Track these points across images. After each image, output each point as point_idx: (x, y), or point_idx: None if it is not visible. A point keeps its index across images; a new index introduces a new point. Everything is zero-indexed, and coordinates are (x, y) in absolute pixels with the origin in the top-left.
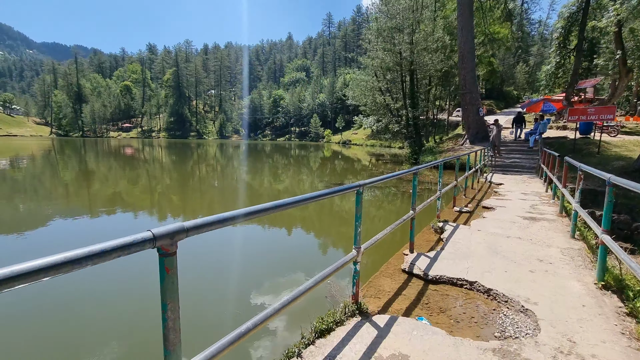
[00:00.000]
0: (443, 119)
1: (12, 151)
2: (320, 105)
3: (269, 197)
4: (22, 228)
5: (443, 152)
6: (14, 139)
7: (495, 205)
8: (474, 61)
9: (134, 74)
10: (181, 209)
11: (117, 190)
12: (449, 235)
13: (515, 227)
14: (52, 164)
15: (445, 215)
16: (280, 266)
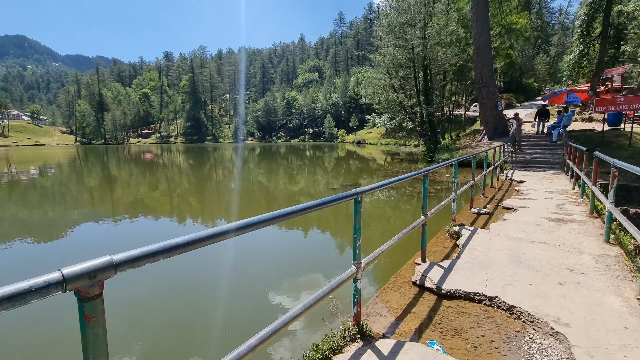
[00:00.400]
0: (460, 115)
1: (41, 160)
2: (334, 105)
3: (285, 199)
4: (50, 233)
5: (460, 149)
6: (42, 148)
7: (517, 206)
8: (490, 53)
9: (152, 81)
10: (199, 212)
11: (138, 195)
12: (465, 241)
13: (540, 230)
14: (77, 171)
15: (462, 217)
16: (275, 278)
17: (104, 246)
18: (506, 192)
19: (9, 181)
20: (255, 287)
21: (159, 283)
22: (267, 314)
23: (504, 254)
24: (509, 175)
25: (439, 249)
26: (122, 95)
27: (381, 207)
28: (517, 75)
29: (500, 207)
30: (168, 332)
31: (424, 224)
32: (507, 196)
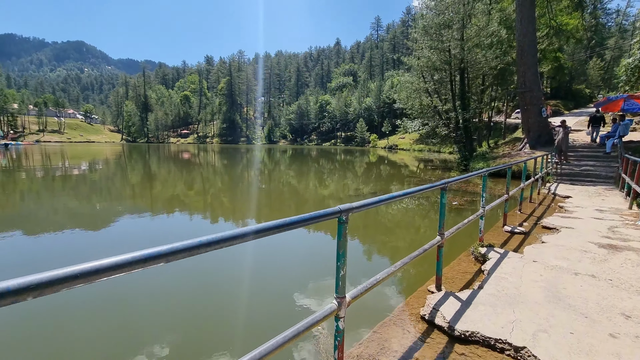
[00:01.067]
0: (500, 122)
1: (91, 155)
2: (367, 109)
3: (314, 202)
4: (98, 224)
5: (497, 158)
6: (92, 144)
7: (559, 226)
8: (535, 56)
9: (192, 84)
10: (230, 210)
11: (174, 192)
12: (492, 267)
13: (587, 258)
14: (122, 167)
15: (492, 236)
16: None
17: (143, 236)
18: (547, 209)
19: (63, 174)
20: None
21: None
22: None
23: (539, 287)
24: (552, 189)
25: (460, 274)
26: (164, 97)
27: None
28: (566, 80)
29: (538, 226)
30: (195, 323)
31: (439, 246)
32: (548, 213)
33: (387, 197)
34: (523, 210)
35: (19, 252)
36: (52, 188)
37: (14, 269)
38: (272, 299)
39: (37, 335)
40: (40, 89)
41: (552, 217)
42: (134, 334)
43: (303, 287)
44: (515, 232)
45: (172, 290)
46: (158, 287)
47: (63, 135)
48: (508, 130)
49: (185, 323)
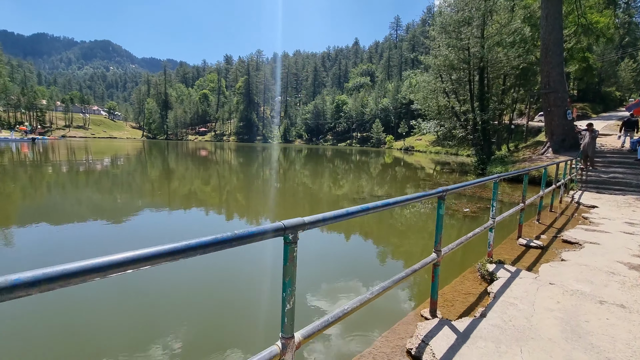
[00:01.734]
0: (522, 125)
1: (113, 151)
2: (384, 110)
3: (328, 203)
4: (120, 216)
5: (517, 163)
6: (114, 140)
7: (582, 240)
8: (561, 55)
9: (211, 82)
10: (245, 208)
11: (192, 188)
12: (500, 289)
13: (614, 282)
14: (142, 163)
15: (504, 250)
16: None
17: (159, 231)
18: (570, 219)
19: (86, 169)
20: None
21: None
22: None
23: (555, 318)
24: (576, 198)
25: (461, 295)
26: (184, 95)
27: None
28: (595, 82)
29: (558, 240)
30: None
31: (435, 264)
32: (570, 225)
33: (353, 210)
34: (542, 220)
35: (44, 242)
36: (75, 181)
37: (39, 257)
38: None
39: (59, 326)
40: (68, 86)
41: (575, 229)
42: (150, 325)
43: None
44: (532, 245)
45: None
46: (170, 281)
47: (87, 130)
48: (530, 133)
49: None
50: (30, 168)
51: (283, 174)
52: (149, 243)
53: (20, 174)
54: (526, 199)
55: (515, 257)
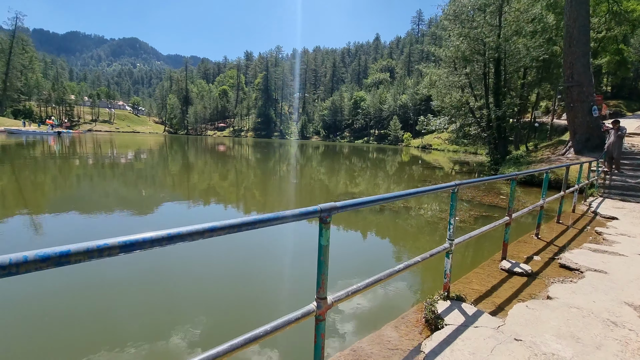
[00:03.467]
0: (546, 123)
1: (136, 145)
2: (402, 106)
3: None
4: (140, 208)
5: (532, 163)
6: (137, 135)
7: (585, 266)
8: (587, 44)
9: (231, 78)
10: (261, 203)
11: (211, 183)
12: (438, 346)
13: (613, 341)
14: (163, 157)
15: (477, 277)
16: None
17: (179, 220)
18: (580, 234)
19: (111, 162)
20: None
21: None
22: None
23: None
24: (594, 206)
25: (384, 350)
26: (205, 90)
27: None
28: (630, 77)
29: (554, 264)
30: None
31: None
32: (576, 242)
33: (381, 198)
34: (543, 235)
35: (72, 228)
36: (93, 173)
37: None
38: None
39: (84, 306)
40: (97, 82)
41: (581, 249)
42: (172, 308)
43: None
44: (516, 272)
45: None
46: (210, 257)
47: (112, 125)
48: (556, 132)
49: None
50: (59, 160)
51: (300, 171)
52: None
53: (48, 165)
54: (522, 207)
55: (487, 290)
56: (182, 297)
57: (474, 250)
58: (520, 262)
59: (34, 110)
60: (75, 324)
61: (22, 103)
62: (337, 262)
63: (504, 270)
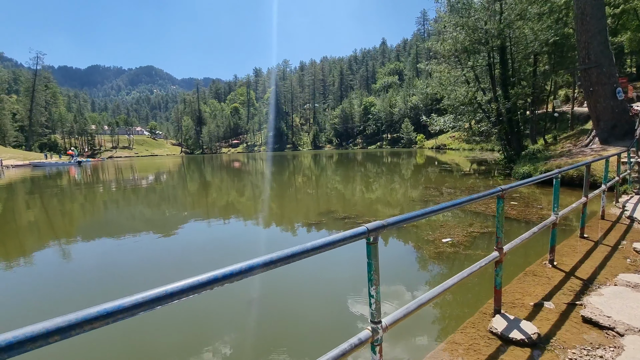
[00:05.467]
0: (566, 112)
1: (155, 168)
2: (413, 108)
3: (363, 207)
4: (164, 229)
5: (551, 158)
6: (155, 157)
7: (624, 322)
8: (602, 19)
9: (241, 96)
10: (280, 216)
11: (229, 199)
12: None
13: None
14: (182, 177)
15: (453, 354)
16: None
17: (206, 240)
18: (611, 256)
19: (134, 185)
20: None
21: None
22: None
23: None
24: (629, 208)
25: None
26: (217, 110)
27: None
28: None
29: (575, 316)
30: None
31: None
32: (608, 270)
33: (428, 211)
34: (560, 259)
35: (105, 255)
36: (112, 198)
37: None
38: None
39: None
40: (117, 111)
41: (615, 286)
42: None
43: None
44: (513, 339)
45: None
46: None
47: (132, 150)
48: (578, 121)
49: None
50: (78, 188)
51: (315, 181)
52: (197, 251)
53: (71, 193)
54: (533, 216)
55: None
56: (218, 325)
57: (460, 294)
58: (522, 315)
59: (58, 142)
60: (106, 340)
61: (47, 136)
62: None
63: (496, 334)
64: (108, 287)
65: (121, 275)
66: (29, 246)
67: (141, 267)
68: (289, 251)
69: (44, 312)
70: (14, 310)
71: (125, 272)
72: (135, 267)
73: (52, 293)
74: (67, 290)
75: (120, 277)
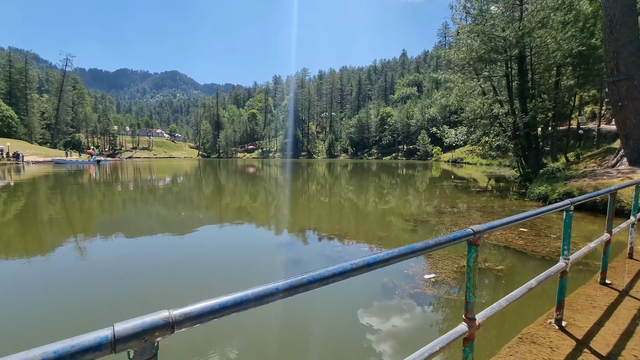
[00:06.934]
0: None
1: (173, 170)
2: (431, 120)
3: (375, 218)
4: (180, 229)
5: (571, 179)
6: (173, 160)
7: None
8: (635, 27)
9: (260, 102)
10: (292, 223)
11: (242, 203)
12: None
13: None
14: (198, 180)
15: None
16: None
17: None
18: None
19: (151, 186)
20: None
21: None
22: None
23: None
24: None
25: None
26: (235, 115)
27: None
28: None
29: None
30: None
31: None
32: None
33: (518, 217)
34: (571, 317)
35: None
36: (126, 197)
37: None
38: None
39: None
40: (140, 113)
41: None
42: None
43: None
44: None
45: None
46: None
47: (151, 152)
48: (605, 139)
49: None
50: (103, 186)
51: (329, 190)
52: (211, 252)
53: (93, 190)
54: None
55: None
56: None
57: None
58: None
59: (82, 141)
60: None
61: (71, 135)
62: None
63: None
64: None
65: (125, 279)
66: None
67: (147, 272)
68: (396, 251)
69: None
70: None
71: (132, 275)
72: (143, 272)
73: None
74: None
75: (123, 281)
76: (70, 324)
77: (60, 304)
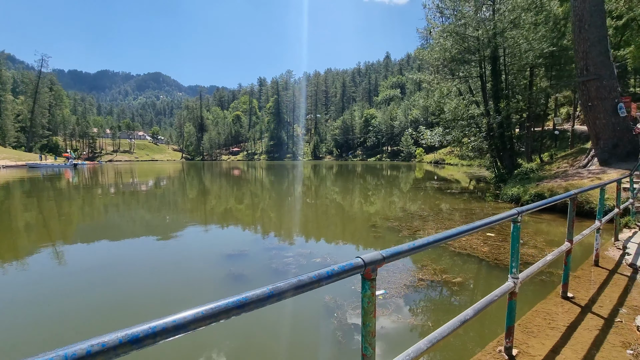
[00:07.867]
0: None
1: (155, 173)
2: (414, 121)
3: (361, 220)
4: (168, 233)
5: (544, 180)
6: (156, 163)
7: None
8: (602, 28)
9: (244, 104)
10: (278, 225)
11: (227, 206)
12: None
13: None
14: (182, 183)
15: None
16: None
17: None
18: (603, 338)
19: (133, 190)
20: None
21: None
22: None
23: None
24: (632, 250)
25: None
26: (220, 117)
27: None
28: None
29: None
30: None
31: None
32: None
33: (436, 239)
34: (522, 342)
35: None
36: (97, 202)
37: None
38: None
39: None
40: (122, 115)
41: None
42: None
43: None
44: None
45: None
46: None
47: (132, 155)
48: (579, 139)
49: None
50: (73, 190)
51: (315, 192)
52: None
53: (66, 195)
54: None
55: None
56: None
57: None
58: None
59: (59, 144)
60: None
61: (47, 138)
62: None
63: None
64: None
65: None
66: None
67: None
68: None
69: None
70: None
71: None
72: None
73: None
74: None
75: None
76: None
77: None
